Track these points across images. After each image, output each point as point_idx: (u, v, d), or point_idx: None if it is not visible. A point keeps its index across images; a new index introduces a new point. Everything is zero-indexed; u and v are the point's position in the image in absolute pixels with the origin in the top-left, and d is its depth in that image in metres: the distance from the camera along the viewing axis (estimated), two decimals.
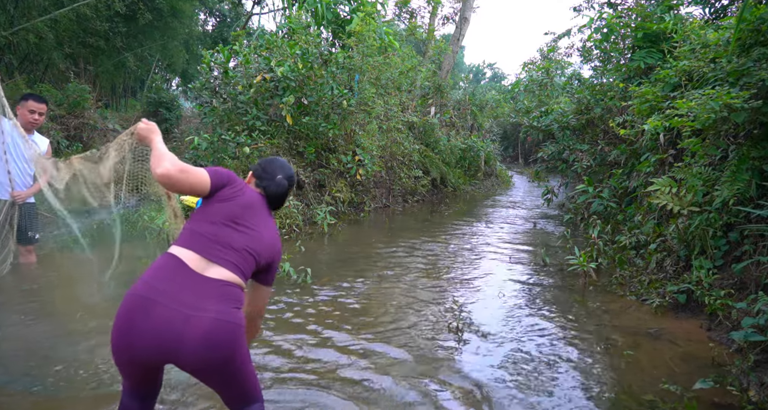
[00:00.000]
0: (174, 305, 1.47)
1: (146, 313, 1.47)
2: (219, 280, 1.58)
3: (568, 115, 7.96)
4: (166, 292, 1.49)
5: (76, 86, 10.23)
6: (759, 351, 2.78)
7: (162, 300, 1.48)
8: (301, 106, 7.46)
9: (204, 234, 1.64)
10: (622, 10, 7.15)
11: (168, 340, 1.46)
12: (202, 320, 1.47)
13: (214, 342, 1.48)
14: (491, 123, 15.96)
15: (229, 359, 1.54)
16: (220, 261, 1.60)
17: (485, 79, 42.24)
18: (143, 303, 1.48)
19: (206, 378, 1.59)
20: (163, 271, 1.56)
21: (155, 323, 1.46)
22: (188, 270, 1.56)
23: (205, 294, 1.52)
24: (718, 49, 4.14)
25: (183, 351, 1.46)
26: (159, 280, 1.53)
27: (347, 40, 8.42)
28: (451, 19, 15.15)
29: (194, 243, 1.62)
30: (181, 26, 14.39)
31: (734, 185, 3.44)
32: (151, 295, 1.49)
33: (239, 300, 1.61)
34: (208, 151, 7.13)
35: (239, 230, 1.68)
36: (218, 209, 1.69)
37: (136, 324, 1.46)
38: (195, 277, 1.55)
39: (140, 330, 1.46)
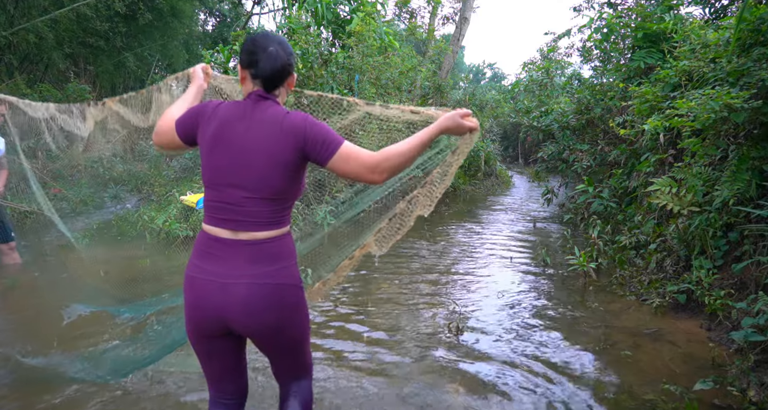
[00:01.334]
0: (209, 276, 1.46)
1: (191, 289, 1.50)
2: (247, 242, 1.47)
3: (568, 115, 7.95)
4: (201, 266, 1.49)
5: (76, 86, 10.24)
6: (759, 351, 2.78)
7: (199, 274, 1.48)
8: (301, 106, 7.46)
9: (211, 204, 1.52)
10: (622, 10, 7.14)
11: (214, 309, 1.46)
12: (238, 287, 1.44)
13: (254, 307, 1.45)
14: (491, 123, 15.95)
15: (277, 323, 1.50)
16: (238, 226, 1.47)
17: (485, 79, 42.22)
18: (188, 282, 1.51)
19: (260, 345, 1.57)
20: (198, 248, 1.54)
21: (199, 296, 1.47)
22: (215, 239, 1.49)
23: (237, 261, 1.46)
24: (718, 49, 4.14)
25: (230, 319, 1.46)
26: (195, 256, 1.53)
27: (347, 40, 8.42)
28: (451, 19, 15.14)
29: (209, 215, 1.54)
30: (181, 26, 14.39)
31: (734, 185, 3.44)
32: (191, 272, 1.51)
33: (280, 252, 1.50)
34: None
35: (231, 178, 1.45)
36: (204, 164, 1.51)
37: (188, 300, 1.51)
38: (222, 245, 1.48)
39: (192, 305, 1.49)
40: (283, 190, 1.47)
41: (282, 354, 1.59)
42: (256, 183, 1.44)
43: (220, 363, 1.59)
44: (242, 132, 1.45)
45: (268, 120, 1.45)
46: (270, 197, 1.45)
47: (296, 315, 1.54)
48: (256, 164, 1.43)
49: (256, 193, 1.44)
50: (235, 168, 1.44)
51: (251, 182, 1.44)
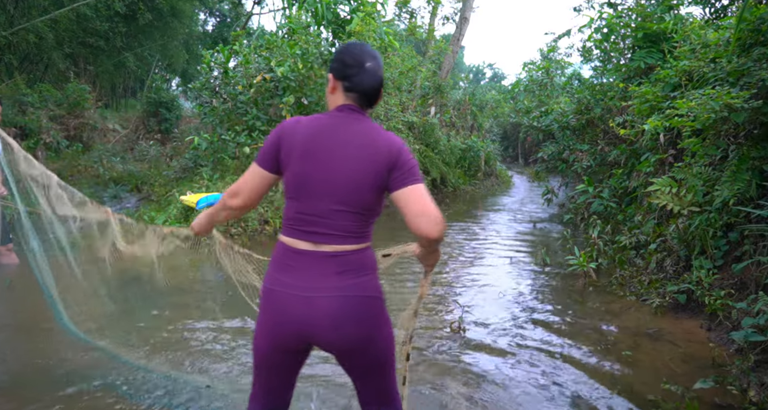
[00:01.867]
0: (291, 290, 1.40)
1: (271, 303, 1.44)
2: (328, 253, 1.41)
3: (568, 115, 7.95)
4: (281, 279, 1.43)
5: (76, 86, 10.25)
6: (759, 351, 2.77)
7: (279, 287, 1.42)
8: (301, 106, 7.46)
9: (294, 216, 1.45)
10: (622, 10, 7.14)
11: (299, 324, 1.40)
12: (324, 300, 1.38)
13: (342, 321, 1.38)
14: (491, 123, 15.95)
15: (367, 338, 1.43)
16: (322, 239, 1.42)
17: (485, 79, 42.23)
18: (267, 295, 1.45)
19: (347, 364, 1.50)
20: (277, 261, 1.48)
21: (282, 311, 1.41)
22: (296, 252, 1.43)
23: (320, 273, 1.40)
24: (718, 49, 4.14)
25: (316, 334, 1.40)
26: (276, 270, 1.46)
27: (347, 40, 8.42)
28: (451, 19, 15.15)
29: (291, 228, 1.46)
30: (181, 26, 14.40)
31: (734, 185, 3.44)
32: (269, 285, 1.45)
33: (364, 265, 1.45)
34: (208, 151, 7.14)
35: (318, 191, 1.41)
36: (291, 175, 1.44)
37: (268, 315, 1.45)
38: (305, 257, 1.42)
39: (273, 321, 1.44)
40: (372, 205, 1.44)
41: (369, 374, 1.50)
42: (347, 195, 1.40)
43: (279, 377, 1.54)
44: (337, 143, 1.41)
45: (364, 133, 1.44)
46: (359, 211, 1.42)
47: (383, 329, 1.48)
48: (349, 176, 1.39)
49: (346, 206, 1.40)
50: (327, 179, 1.40)
51: (343, 194, 1.40)
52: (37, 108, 9.47)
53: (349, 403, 2.33)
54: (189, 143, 7.50)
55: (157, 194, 7.44)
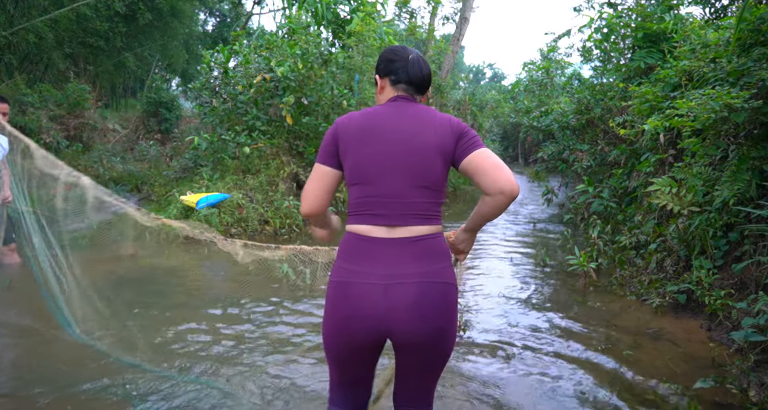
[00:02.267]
0: (370, 279, 1.34)
1: (345, 297, 1.37)
2: (408, 239, 1.38)
3: (568, 115, 7.95)
4: (354, 270, 1.37)
5: (76, 86, 10.24)
6: (759, 351, 2.78)
7: (353, 279, 1.36)
8: (301, 106, 7.46)
9: (362, 201, 1.42)
10: (622, 10, 7.14)
11: (375, 316, 1.33)
12: (404, 287, 1.32)
13: (426, 309, 1.33)
14: (491, 123, 15.95)
15: (444, 327, 1.38)
16: (394, 221, 1.39)
17: (485, 79, 42.25)
18: (340, 289, 1.39)
19: (412, 359, 1.42)
20: (348, 251, 1.42)
21: (355, 304, 1.35)
22: (371, 239, 1.39)
23: (397, 260, 1.35)
24: (718, 49, 4.14)
25: (394, 324, 1.33)
26: (347, 261, 1.40)
27: (347, 40, 8.42)
28: (451, 19, 15.14)
29: (361, 213, 1.43)
30: (181, 26, 14.40)
31: (734, 185, 3.44)
32: (342, 278, 1.39)
33: (439, 251, 1.41)
34: (208, 151, 7.14)
35: (386, 171, 1.39)
36: (353, 163, 1.43)
37: (339, 309, 1.38)
38: (379, 245, 1.38)
39: (345, 315, 1.37)
40: (440, 180, 1.42)
41: (426, 371, 1.45)
42: (416, 169, 1.39)
43: (358, 371, 1.48)
44: (396, 124, 1.42)
45: (421, 113, 1.45)
46: (429, 185, 1.40)
47: (455, 322, 1.43)
48: (415, 151, 1.39)
49: (417, 181, 1.38)
50: (392, 156, 1.39)
51: (411, 169, 1.39)
52: (37, 108, 9.47)
53: None
54: (189, 143, 7.50)
55: (157, 194, 7.44)
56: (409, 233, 1.38)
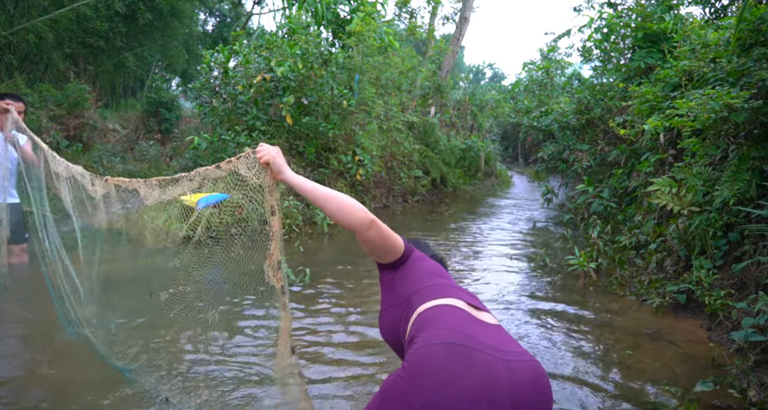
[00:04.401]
0: (488, 351, 1.26)
1: (468, 362, 1.22)
2: (495, 324, 1.39)
3: (568, 115, 7.96)
4: (475, 338, 1.28)
5: (76, 86, 10.24)
6: (759, 351, 2.77)
7: (477, 346, 1.25)
8: (301, 106, 7.47)
9: (445, 285, 1.46)
10: (622, 10, 7.14)
11: (498, 389, 1.21)
12: (522, 364, 1.27)
13: (543, 385, 1.27)
14: (491, 123, 15.96)
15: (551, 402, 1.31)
16: (479, 305, 1.43)
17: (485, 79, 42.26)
18: (460, 351, 1.23)
19: None
20: (455, 319, 1.33)
21: (481, 371, 1.21)
22: (472, 316, 1.36)
23: (501, 339, 1.32)
24: (718, 49, 4.14)
25: (516, 400, 1.22)
26: (461, 327, 1.30)
27: (347, 40, 8.43)
28: (451, 19, 15.15)
29: (448, 293, 1.42)
30: (181, 26, 14.40)
31: (734, 185, 3.44)
32: (464, 342, 1.26)
33: None
34: (208, 151, 7.15)
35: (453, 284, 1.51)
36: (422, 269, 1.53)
37: (458, 374, 1.21)
38: (483, 323, 1.36)
39: (466, 383, 1.20)
40: None
41: None
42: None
43: None
44: None
45: None
46: None
47: None
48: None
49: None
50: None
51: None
52: (37, 108, 9.47)
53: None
54: (189, 143, 7.50)
55: None
56: (491, 319, 1.40)
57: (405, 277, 1.54)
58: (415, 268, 1.55)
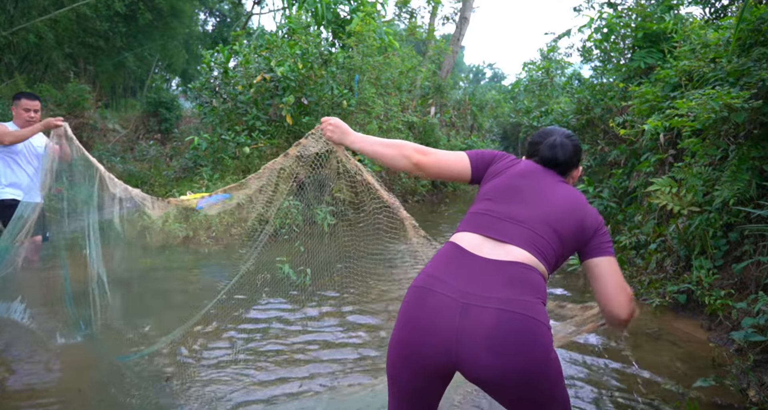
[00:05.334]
0: (450, 293, 1.21)
1: (421, 304, 1.24)
2: (508, 262, 1.26)
3: (568, 115, 7.96)
4: (442, 279, 1.25)
5: (76, 86, 10.23)
6: (759, 351, 2.78)
7: (437, 289, 1.24)
8: (301, 106, 7.46)
9: (482, 213, 1.38)
10: (622, 10, 7.14)
11: (443, 337, 1.18)
12: (484, 312, 1.16)
13: (502, 342, 1.14)
14: (491, 123, 15.96)
15: (528, 371, 1.15)
16: (506, 238, 1.31)
17: (485, 79, 42.27)
18: (419, 294, 1.26)
19: (499, 396, 1.23)
20: (440, 259, 1.33)
21: (429, 314, 1.22)
22: (468, 254, 1.30)
23: (490, 280, 1.23)
24: (718, 49, 4.14)
25: (462, 353, 1.17)
26: (436, 268, 1.30)
27: (347, 40, 8.43)
28: (451, 19, 15.15)
29: (473, 224, 1.37)
30: (181, 26, 14.41)
31: (734, 185, 3.44)
32: (427, 284, 1.26)
33: (537, 287, 1.25)
34: (208, 151, 7.15)
35: (523, 201, 1.37)
36: (492, 185, 1.44)
37: (412, 317, 1.25)
38: (477, 261, 1.27)
39: (415, 324, 1.23)
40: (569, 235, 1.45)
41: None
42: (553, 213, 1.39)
43: (419, 400, 1.31)
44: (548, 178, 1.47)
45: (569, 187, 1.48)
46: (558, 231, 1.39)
47: (549, 361, 1.20)
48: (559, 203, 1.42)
49: (549, 220, 1.39)
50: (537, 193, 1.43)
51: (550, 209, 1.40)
52: None
53: None
54: (189, 143, 7.50)
55: (157, 194, 7.41)
56: (512, 256, 1.28)
57: (476, 198, 1.53)
58: (482, 188, 1.51)
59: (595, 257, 1.38)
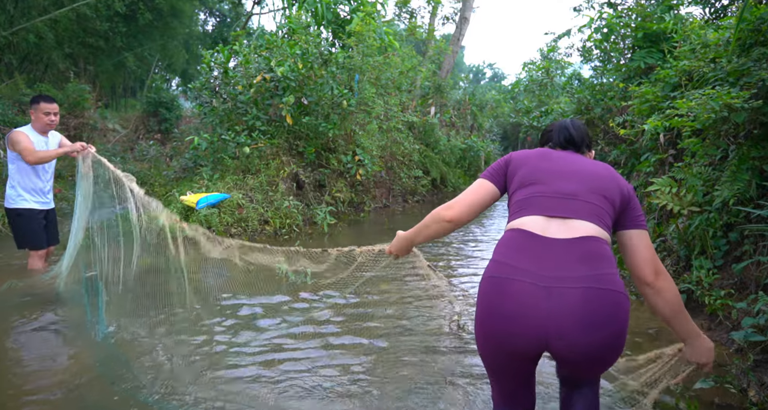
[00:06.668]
0: (529, 278, 1.24)
1: (502, 294, 1.26)
2: (577, 239, 1.28)
3: (568, 115, 7.96)
4: (516, 267, 1.27)
5: (76, 86, 10.25)
6: (759, 351, 2.78)
7: (516, 276, 1.25)
8: (301, 106, 7.47)
9: (533, 196, 1.39)
10: (622, 10, 7.14)
11: (532, 323, 1.21)
12: (569, 292, 1.20)
13: (592, 319, 1.18)
14: (491, 123, 15.97)
15: (614, 341, 1.23)
16: (567, 213, 1.33)
17: (485, 79, 42.28)
18: (497, 284, 1.28)
19: (582, 369, 1.31)
20: (510, 246, 1.34)
21: (513, 303, 1.23)
22: (537, 237, 1.31)
23: (565, 260, 1.25)
24: (718, 49, 4.14)
25: (555, 335, 1.20)
26: (508, 256, 1.31)
27: (347, 40, 8.43)
28: (451, 19, 15.15)
29: (530, 207, 1.38)
30: (181, 26, 14.42)
31: (734, 185, 3.44)
32: (503, 273, 1.28)
33: (609, 259, 1.29)
34: (208, 151, 7.15)
35: (563, 177, 1.40)
36: (524, 175, 1.46)
37: (495, 307, 1.27)
38: (547, 243, 1.29)
39: (500, 314, 1.26)
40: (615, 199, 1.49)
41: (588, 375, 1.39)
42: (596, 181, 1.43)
43: (522, 387, 1.41)
44: (574, 155, 1.53)
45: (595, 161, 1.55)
46: (607, 196, 1.43)
47: (625, 335, 1.29)
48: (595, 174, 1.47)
49: (594, 188, 1.42)
50: (573, 166, 1.48)
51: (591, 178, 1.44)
52: None
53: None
54: (189, 143, 7.50)
55: (157, 194, 7.43)
56: (580, 231, 1.30)
57: (509, 196, 1.56)
58: (510, 188, 1.54)
59: (631, 229, 1.42)
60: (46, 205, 3.80)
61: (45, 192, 3.79)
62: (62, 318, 3.25)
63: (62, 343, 2.91)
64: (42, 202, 3.76)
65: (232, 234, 5.72)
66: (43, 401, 2.27)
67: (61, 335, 3.02)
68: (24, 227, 3.69)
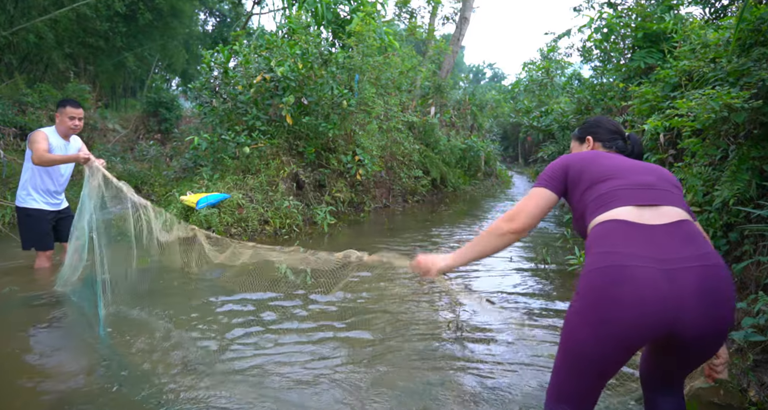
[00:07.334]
0: (645, 263, 1.22)
1: (619, 281, 1.23)
2: (674, 222, 1.30)
3: (568, 115, 7.97)
4: (627, 253, 1.24)
5: (76, 86, 10.25)
6: (759, 351, 2.77)
7: (630, 262, 1.23)
8: (301, 106, 7.47)
9: (615, 189, 1.40)
10: (622, 10, 7.15)
11: (655, 307, 1.20)
12: (687, 272, 1.21)
13: (713, 297, 1.20)
14: (491, 123, 15.97)
15: (731, 315, 1.25)
16: (656, 201, 1.35)
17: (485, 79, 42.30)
18: (611, 272, 1.24)
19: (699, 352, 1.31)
20: (613, 235, 1.31)
21: (633, 289, 1.21)
22: (636, 225, 1.30)
23: (672, 243, 1.26)
24: (718, 49, 4.14)
25: (680, 317, 1.20)
26: (615, 245, 1.28)
27: (347, 40, 8.43)
28: (451, 19, 15.16)
29: (616, 199, 1.37)
30: (181, 26, 14.43)
31: (734, 185, 3.44)
32: (615, 261, 1.25)
33: (706, 237, 1.36)
34: (208, 151, 7.15)
35: (634, 171, 1.45)
36: (594, 173, 1.49)
37: (613, 295, 1.23)
38: (648, 229, 1.29)
39: (620, 300, 1.22)
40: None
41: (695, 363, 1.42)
42: (663, 174, 1.51)
43: (606, 375, 1.40)
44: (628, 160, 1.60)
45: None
46: (678, 187, 1.51)
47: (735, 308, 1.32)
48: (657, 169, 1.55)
49: (664, 180, 1.49)
50: (639, 164, 1.54)
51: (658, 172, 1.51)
52: (37, 108, 9.48)
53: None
54: (189, 143, 7.51)
55: (157, 194, 7.44)
56: (672, 216, 1.32)
57: (575, 197, 1.57)
58: (577, 189, 1.55)
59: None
60: (56, 206, 3.80)
61: (56, 193, 3.79)
62: (62, 318, 3.25)
63: (62, 343, 2.91)
64: (52, 204, 3.77)
65: (232, 234, 5.73)
66: (44, 401, 2.27)
67: (61, 335, 3.03)
68: (32, 227, 3.70)
